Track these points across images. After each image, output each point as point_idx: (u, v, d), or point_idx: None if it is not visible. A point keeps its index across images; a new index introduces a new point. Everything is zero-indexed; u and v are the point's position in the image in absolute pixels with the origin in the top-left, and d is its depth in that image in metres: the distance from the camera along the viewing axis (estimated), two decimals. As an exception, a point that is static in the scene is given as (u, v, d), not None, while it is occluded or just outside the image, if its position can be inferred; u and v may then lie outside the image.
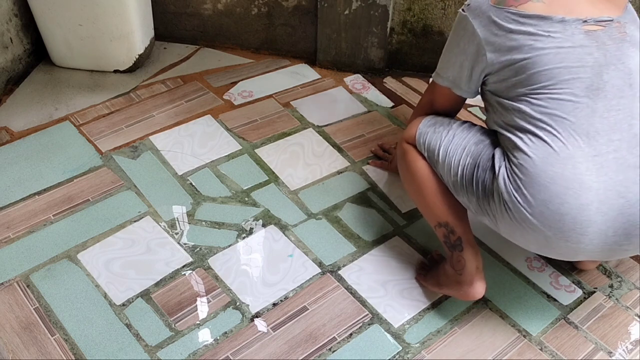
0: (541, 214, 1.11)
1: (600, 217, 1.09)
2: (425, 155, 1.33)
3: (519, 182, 1.13)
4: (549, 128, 1.12)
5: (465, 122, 1.32)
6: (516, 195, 1.13)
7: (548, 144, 1.12)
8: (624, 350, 1.37)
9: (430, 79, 1.40)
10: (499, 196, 1.16)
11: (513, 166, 1.15)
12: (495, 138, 1.25)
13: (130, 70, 2.06)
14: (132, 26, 1.94)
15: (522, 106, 1.16)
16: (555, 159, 1.11)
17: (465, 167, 1.23)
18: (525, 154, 1.13)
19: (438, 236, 1.35)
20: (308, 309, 1.41)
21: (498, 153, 1.20)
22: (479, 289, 1.30)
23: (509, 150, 1.18)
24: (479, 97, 1.33)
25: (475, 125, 1.31)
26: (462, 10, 1.25)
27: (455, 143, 1.27)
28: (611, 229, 1.11)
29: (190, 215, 1.60)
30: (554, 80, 1.13)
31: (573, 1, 1.17)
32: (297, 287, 1.45)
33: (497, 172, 1.17)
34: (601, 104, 1.12)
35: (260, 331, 1.36)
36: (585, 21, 1.14)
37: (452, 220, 1.31)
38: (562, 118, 1.12)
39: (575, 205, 1.09)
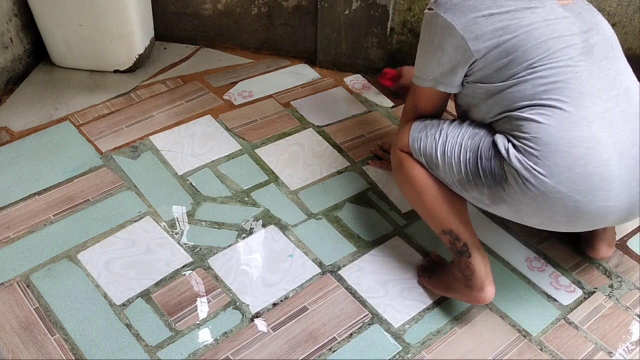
0: (568, 179, 1.13)
1: (622, 169, 1.14)
2: (423, 160, 1.32)
3: (536, 154, 1.14)
4: (555, 96, 1.15)
5: (453, 120, 1.33)
6: (537, 168, 1.14)
7: (560, 109, 1.14)
8: (624, 350, 1.37)
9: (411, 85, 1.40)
10: (514, 177, 1.16)
11: (524, 142, 1.15)
12: (487, 129, 1.26)
13: (130, 70, 2.06)
14: (132, 26, 1.94)
15: (521, 83, 1.18)
16: (569, 123, 1.14)
17: (468, 162, 1.23)
18: (540, 124, 1.14)
19: (444, 243, 1.35)
20: (308, 309, 1.41)
21: (499, 139, 1.20)
22: (489, 293, 1.30)
23: (513, 131, 1.18)
24: None
25: (464, 121, 1.31)
26: (429, 9, 1.26)
27: (451, 142, 1.27)
28: (633, 179, 1.15)
29: (190, 215, 1.60)
30: (551, 50, 1.16)
31: None
32: (297, 287, 1.45)
33: (505, 155, 1.17)
34: (595, 66, 1.18)
35: (260, 331, 1.36)
36: None
37: (455, 226, 1.30)
38: (566, 83, 1.15)
39: (599, 162, 1.12)
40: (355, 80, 2.12)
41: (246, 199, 1.66)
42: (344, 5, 1.99)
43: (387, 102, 2.03)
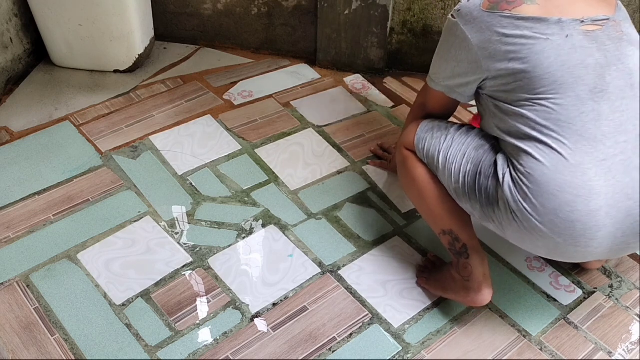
0: (551, 222, 1.10)
1: (609, 220, 1.09)
2: (425, 161, 1.32)
3: (526, 190, 1.11)
4: (555, 135, 1.10)
5: (462, 125, 1.31)
6: (524, 204, 1.11)
7: (557, 151, 1.10)
8: (624, 350, 1.37)
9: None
10: (505, 204, 1.15)
11: (519, 174, 1.13)
12: (494, 142, 1.23)
13: (130, 70, 2.06)
14: (132, 26, 1.94)
15: (525, 112, 1.13)
16: (564, 166, 1.09)
17: (467, 174, 1.22)
18: (536, 161, 1.11)
19: (443, 243, 1.35)
20: (308, 309, 1.41)
21: (500, 159, 1.18)
22: (486, 296, 1.30)
23: (513, 157, 1.15)
24: None
25: (473, 128, 1.29)
26: (452, 16, 1.21)
27: (455, 148, 1.25)
28: (620, 231, 1.11)
29: (190, 215, 1.60)
30: (557, 84, 1.10)
31: (567, 1, 1.14)
32: (297, 287, 1.45)
33: (501, 180, 1.15)
34: (606, 106, 1.11)
35: (260, 331, 1.36)
36: (582, 21, 1.12)
37: (456, 227, 1.29)
38: (568, 124, 1.10)
39: (585, 211, 1.08)
40: (355, 80, 2.12)
41: (246, 199, 1.66)
42: (344, 5, 1.99)
43: (387, 102, 2.03)
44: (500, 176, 1.15)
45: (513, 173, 1.14)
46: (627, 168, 1.10)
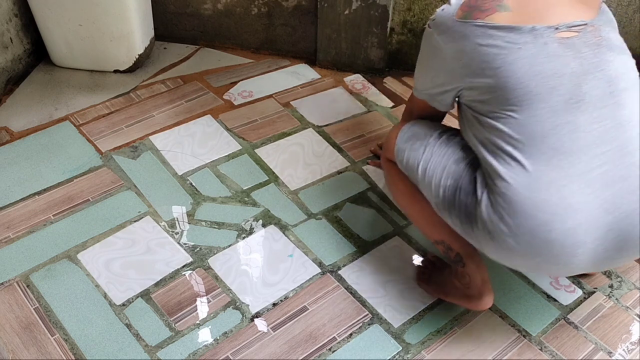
0: (528, 243, 1.06)
1: (589, 237, 1.05)
2: (406, 173, 1.28)
3: (502, 211, 1.06)
4: (528, 150, 1.05)
5: (443, 133, 1.25)
6: (500, 225, 1.07)
7: (529, 169, 1.05)
8: (624, 350, 1.37)
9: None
10: (482, 223, 1.11)
11: (495, 195, 1.08)
12: (474, 155, 1.18)
13: (130, 70, 2.06)
14: (132, 26, 1.94)
15: (499, 124, 1.08)
16: (537, 185, 1.04)
17: (447, 189, 1.17)
18: (505, 180, 1.06)
19: (439, 251, 1.34)
20: (308, 309, 1.41)
21: (480, 177, 1.13)
22: (487, 302, 1.28)
23: (489, 175, 1.10)
24: None
25: (455, 136, 1.24)
26: (428, 25, 1.19)
27: (434, 161, 1.20)
28: (601, 246, 1.07)
29: (190, 215, 1.60)
30: (530, 95, 1.05)
31: (543, 6, 1.09)
32: (297, 287, 1.45)
33: (479, 198, 1.11)
34: (583, 117, 1.05)
35: (260, 331, 1.36)
36: (557, 28, 1.07)
37: (447, 237, 1.26)
38: (542, 137, 1.05)
39: (563, 230, 1.04)
40: (355, 80, 2.12)
41: (246, 199, 1.66)
42: (344, 5, 1.99)
43: (387, 102, 2.03)
44: (479, 194, 1.11)
45: (490, 193, 1.09)
46: (607, 181, 1.05)
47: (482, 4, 1.11)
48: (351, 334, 1.36)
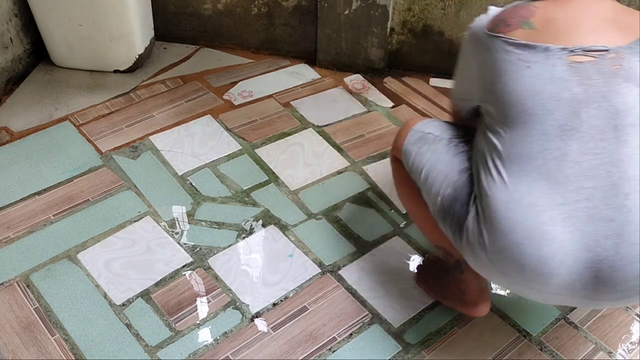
0: (501, 261, 1.03)
1: (564, 269, 1.00)
2: (410, 174, 1.27)
3: (482, 225, 1.05)
4: (513, 168, 1.03)
5: (454, 139, 1.23)
6: (479, 238, 1.05)
7: (507, 186, 1.02)
8: (624, 350, 1.37)
9: None
10: (467, 236, 1.10)
11: (480, 208, 1.06)
12: None
13: (130, 70, 2.06)
14: (132, 26, 1.94)
15: (494, 139, 1.07)
16: (517, 205, 1.01)
17: (445, 198, 1.15)
18: (487, 195, 1.04)
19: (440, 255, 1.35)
20: (308, 309, 1.41)
21: (474, 194, 1.11)
22: (482, 310, 1.29)
23: (477, 188, 1.09)
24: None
25: (466, 145, 1.21)
26: (466, 32, 1.18)
27: (438, 169, 1.18)
28: (578, 282, 1.01)
29: (190, 215, 1.60)
30: (526, 115, 1.03)
31: (568, 27, 1.05)
32: (297, 287, 1.45)
33: (469, 210, 1.10)
34: (575, 146, 1.00)
35: (260, 331, 1.36)
36: (572, 51, 1.03)
37: (447, 244, 1.24)
38: (529, 158, 1.02)
39: (536, 257, 1.00)
40: (355, 80, 2.12)
41: (246, 199, 1.66)
42: (344, 5, 1.99)
43: (387, 102, 2.03)
44: (470, 206, 1.10)
45: (477, 206, 1.08)
46: (591, 217, 0.99)
47: (509, 18, 1.10)
48: (351, 334, 1.36)
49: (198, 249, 1.51)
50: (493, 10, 1.14)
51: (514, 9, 1.11)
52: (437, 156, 1.20)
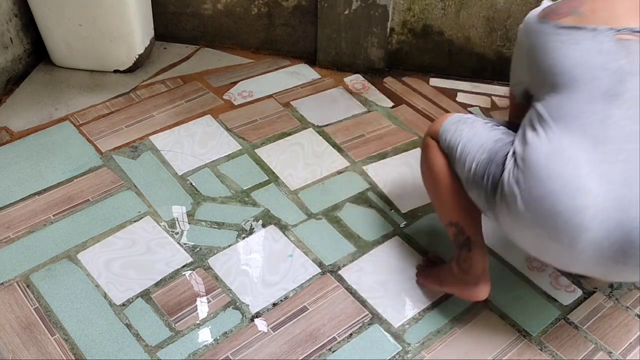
0: (535, 209, 1.08)
1: (596, 224, 1.04)
2: (446, 151, 1.32)
3: (519, 174, 1.11)
4: (559, 126, 1.09)
5: (490, 121, 1.30)
6: (514, 187, 1.11)
7: (551, 139, 1.09)
8: (624, 350, 1.36)
9: None
10: (502, 189, 1.14)
11: (519, 159, 1.12)
12: (514, 139, 1.22)
13: (130, 70, 2.06)
14: (132, 26, 1.94)
15: (541, 106, 1.14)
16: (558, 156, 1.07)
17: (480, 162, 1.22)
18: (529, 144, 1.11)
19: (449, 234, 1.35)
20: (308, 309, 1.41)
21: (512, 150, 1.17)
22: (483, 291, 1.29)
23: (518, 141, 1.16)
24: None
25: (500, 126, 1.28)
26: (521, 24, 1.26)
27: (475, 141, 1.25)
28: (607, 241, 1.05)
29: (190, 215, 1.60)
30: (573, 80, 1.10)
31: (614, 14, 1.12)
32: (297, 287, 1.45)
33: (506, 165, 1.15)
34: (617, 111, 1.07)
35: (260, 331, 1.36)
36: (618, 30, 1.10)
37: (463, 220, 1.29)
38: (573, 117, 1.08)
39: (570, 206, 1.04)
40: (355, 80, 2.12)
41: (246, 199, 1.66)
42: (344, 5, 1.99)
43: (387, 102, 2.03)
44: (507, 162, 1.15)
45: (516, 158, 1.14)
46: (628, 178, 1.04)
47: (559, 8, 1.17)
48: (351, 334, 1.36)
49: (198, 249, 1.52)
50: (546, 3, 1.23)
51: (565, 1, 1.18)
52: (474, 131, 1.27)
